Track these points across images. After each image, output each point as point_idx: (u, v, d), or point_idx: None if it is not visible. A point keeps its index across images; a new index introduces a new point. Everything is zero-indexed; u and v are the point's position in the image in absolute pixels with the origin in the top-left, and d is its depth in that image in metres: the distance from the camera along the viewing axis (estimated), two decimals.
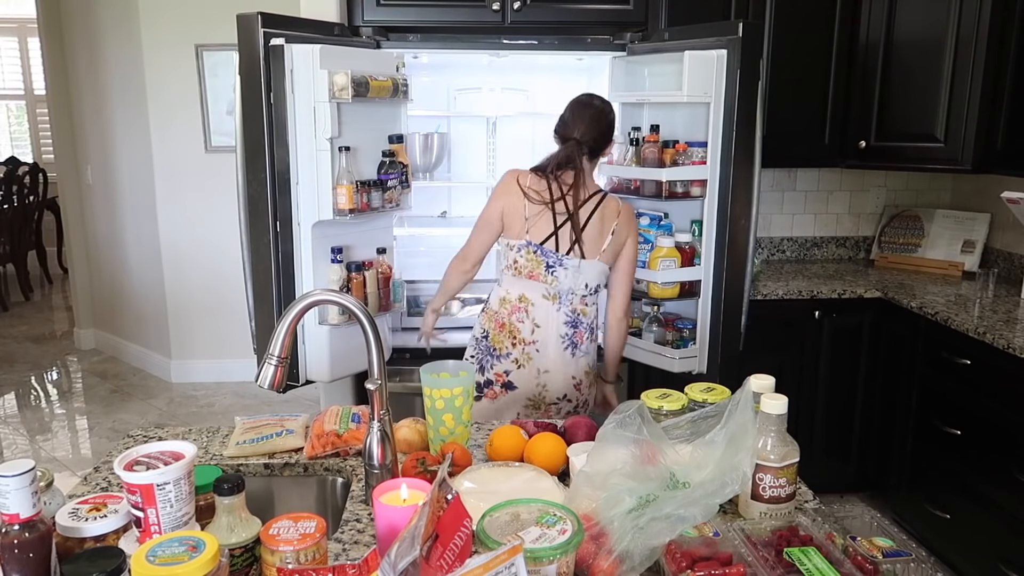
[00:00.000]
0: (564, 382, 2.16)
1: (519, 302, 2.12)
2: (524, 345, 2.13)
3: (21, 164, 6.91)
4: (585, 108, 2.14)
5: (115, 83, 4.59)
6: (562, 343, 2.13)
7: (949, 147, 2.97)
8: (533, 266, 2.10)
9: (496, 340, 2.16)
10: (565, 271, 2.10)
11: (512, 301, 2.14)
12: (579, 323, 2.14)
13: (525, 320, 2.12)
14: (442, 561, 0.87)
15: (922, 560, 1.12)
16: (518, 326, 2.13)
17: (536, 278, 2.10)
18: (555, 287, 2.10)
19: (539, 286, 2.11)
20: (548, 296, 2.11)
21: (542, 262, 2.09)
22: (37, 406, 4.47)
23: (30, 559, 0.95)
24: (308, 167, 2.30)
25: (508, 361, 2.14)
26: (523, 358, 2.13)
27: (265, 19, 2.22)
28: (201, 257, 4.55)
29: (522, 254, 2.10)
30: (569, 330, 2.13)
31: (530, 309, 2.11)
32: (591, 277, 2.12)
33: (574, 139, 2.10)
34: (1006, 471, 2.41)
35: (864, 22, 3.12)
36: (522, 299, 2.12)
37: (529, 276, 2.11)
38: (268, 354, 1.34)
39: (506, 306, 2.15)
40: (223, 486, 1.08)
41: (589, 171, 2.16)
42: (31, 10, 5.20)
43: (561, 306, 2.11)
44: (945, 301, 2.85)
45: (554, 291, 2.11)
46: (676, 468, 1.18)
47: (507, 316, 2.14)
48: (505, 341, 2.14)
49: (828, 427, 3.17)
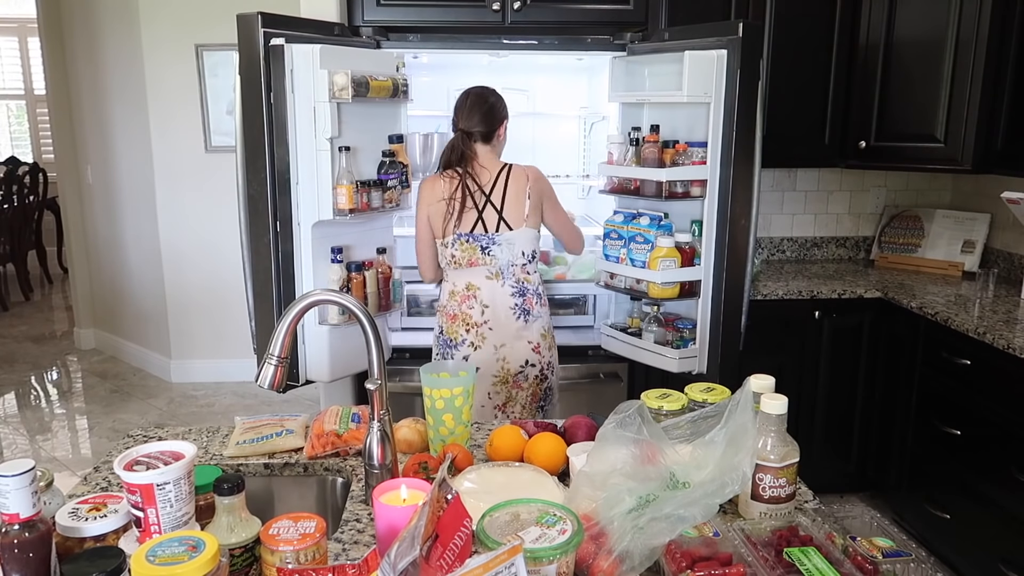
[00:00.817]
0: (523, 350, 2.30)
1: (466, 290, 2.27)
2: (476, 328, 2.27)
3: (21, 164, 6.91)
4: (464, 99, 2.32)
5: (115, 83, 4.59)
6: (513, 314, 2.27)
7: (949, 147, 2.97)
8: (470, 254, 2.24)
9: (450, 331, 2.30)
10: (499, 247, 2.25)
11: (460, 292, 2.28)
12: (526, 291, 2.28)
13: (475, 305, 2.26)
14: (442, 561, 0.87)
15: (922, 560, 1.12)
16: (468, 312, 2.27)
17: (476, 263, 2.25)
18: (495, 265, 2.25)
19: (481, 269, 2.25)
20: (491, 276, 2.26)
21: (476, 247, 2.24)
22: (37, 406, 4.47)
23: (30, 559, 0.95)
24: (308, 167, 2.30)
25: (465, 347, 2.27)
26: (478, 339, 2.27)
27: (265, 19, 2.22)
28: (201, 257, 4.55)
29: (456, 247, 2.25)
30: (518, 300, 2.27)
31: (477, 294, 2.26)
32: (525, 244, 2.28)
33: (460, 130, 2.30)
34: (1006, 471, 2.41)
35: (864, 22, 3.12)
36: (468, 287, 2.27)
37: (469, 264, 2.25)
38: (268, 354, 1.34)
39: (455, 298, 2.29)
40: (223, 486, 1.08)
41: (489, 153, 2.33)
42: (31, 10, 5.20)
43: (505, 281, 2.26)
44: (945, 301, 2.85)
45: (495, 269, 2.25)
46: (676, 468, 1.18)
47: (457, 307, 2.28)
48: (459, 329, 2.28)
49: (828, 427, 3.17)
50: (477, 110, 2.30)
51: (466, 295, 2.27)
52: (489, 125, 2.32)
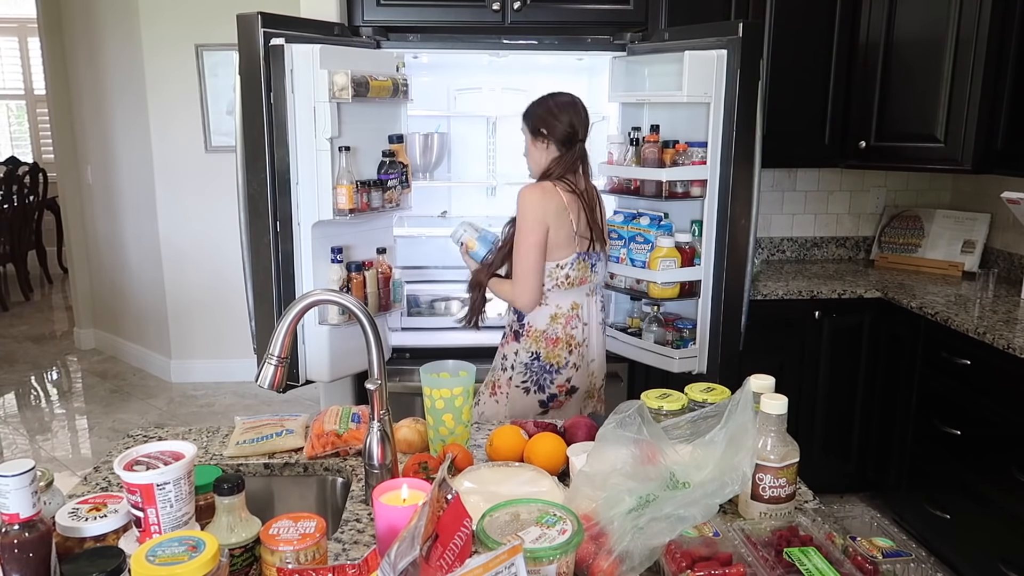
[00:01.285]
0: (603, 361, 2.29)
1: (571, 311, 2.15)
2: (579, 348, 2.18)
3: (21, 164, 6.91)
4: (572, 105, 2.12)
5: (115, 83, 4.59)
6: (602, 329, 2.26)
7: (949, 147, 2.97)
8: (583, 273, 2.14)
9: (552, 356, 2.15)
10: (602, 264, 2.22)
11: (564, 314, 2.15)
12: (606, 304, 2.31)
13: (578, 325, 2.17)
14: (442, 561, 0.87)
15: (922, 560, 1.12)
16: (572, 333, 2.15)
17: (585, 281, 2.17)
18: (594, 281, 2.20)
19: (584, 287, 2.18)
20: (591, 293, 2.20)
21: (588, 265, 2.16)
22: (37, 406, 4.47)
23: (30, 559, 0.95)
24: (308, 167, 2.30)
25: (569, 368, 2.17)
26: (579, 360, 2.19)
27: (265, 19, 2.22)
28: (201, 257, 4.55)
29: (573, 267, 2.12)
30: (603, 314, 2.27)
31: (580, 313, 2.17)
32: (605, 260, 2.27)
33: (581, 140, 2.12)
34: (1006, 471, 2.41)
35: (864, 22, 3.12)
36: (573, 306, 2.16)
37: (580, 283, 2.15)
38: (268, 354, 1.34)
39: (558, 321, 2.15)
40: (223, 486, 1.08)
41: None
42: (31, 10, 5.20)
43: (598, 296, 2.23)
44: (945, 301, 2.85)
45: (594, 286, 2.20)
46: (676, 468, 1.18)
47: (561, 330, 2.15)
48: (562, 353, 2.16)
49: (828, 427, 3.17)
50: (587, 119, 2.13)
51: (571, 315, 2.15)
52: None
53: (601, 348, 2.27)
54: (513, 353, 2.18)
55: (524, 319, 2.15)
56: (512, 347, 2.19)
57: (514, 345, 2.18)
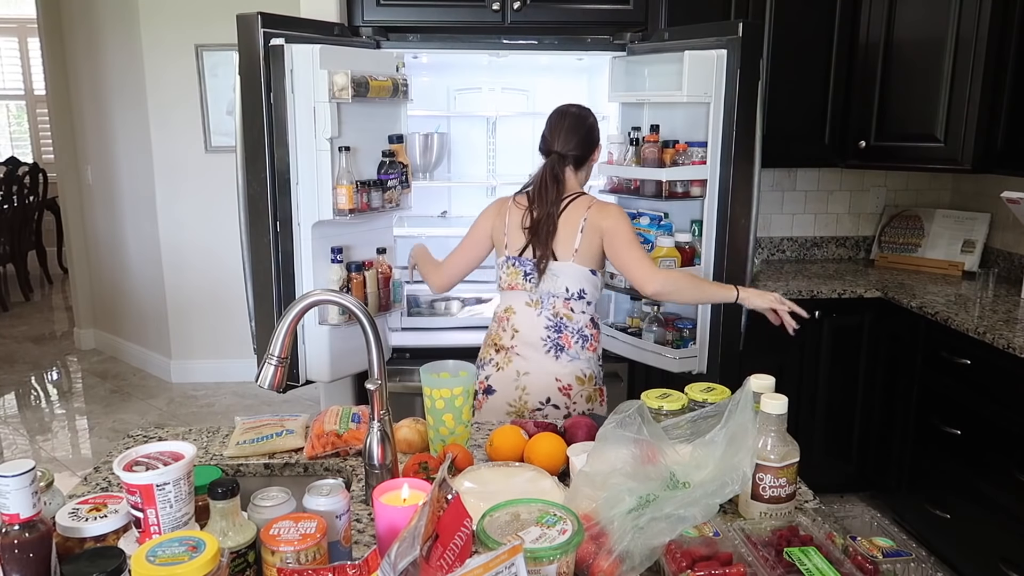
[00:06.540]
0: (546, 384, 2.11)
1: (504, 313, 2.16)
2: (505, 351, 2.14)
3: (21, 164, 6.91)
4: (562, 118, 2.11)
5: (115, 83, 4.59)
6: (544, 345, 2.11)
7: (949, 147, 2.97)
8: (513, 277, 2.13)
9: (483, 351, 2.21)
10: (549, 281, 2.10)
11: (500, 313, 2.19)
12: (563, 327, 2.10)
13: (507, 328, 2.15)
14: (442, 561, 0.87)
15: (922, 560, 1.12)
16: (500, 334, 2.16)
17: (516, 288, 2.14)
18: (535, 293, 2.12)
19: (521, 295, 2.14)
20: (531, 303, 2.13)
21: (520, 271, 2.13)
22: (37, 406, 4.47)
23: (30, 559, 0.95)
24: (308, 167, 2.30)
25: (490, 366, 2.16)
26: (503, 361, 2.14)
27: (265, 19, 2.22)
28: (201, 257, 4.55)
29: (504, 269, 2.16)
30: (552, 334, 2.10)
31: (512, 317, 2.14)
32: (569, 280, 2.09)
33: (555, 152, 2.10)
34: (1006, 471, 2.41)
35: (864, 22, 3.12)
36: (507, 310, 2.16)
37: (510, 287, 2.15)
38: (268, 354, 1.34)
39: (495, 318, 2.20)
40: (217, 490, 1.07)
41: (574, 179, 2.13)
42: (31, 10, 5.20)
43: (542, 311, 2.12)
44: (945, 301, 2.85)
45: (535, 297, 2.12)
46: (676, 468, 1.18)
47: (494, 328, 2.19)
48: (489, 350, 2.18)
49: (828, 427, 3.17)
50: (575, 133, 2.09)
51: (503, 317, 2.15)
52: (585, 150, 2.12)
53: (543, 369, 2.10)
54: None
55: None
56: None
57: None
